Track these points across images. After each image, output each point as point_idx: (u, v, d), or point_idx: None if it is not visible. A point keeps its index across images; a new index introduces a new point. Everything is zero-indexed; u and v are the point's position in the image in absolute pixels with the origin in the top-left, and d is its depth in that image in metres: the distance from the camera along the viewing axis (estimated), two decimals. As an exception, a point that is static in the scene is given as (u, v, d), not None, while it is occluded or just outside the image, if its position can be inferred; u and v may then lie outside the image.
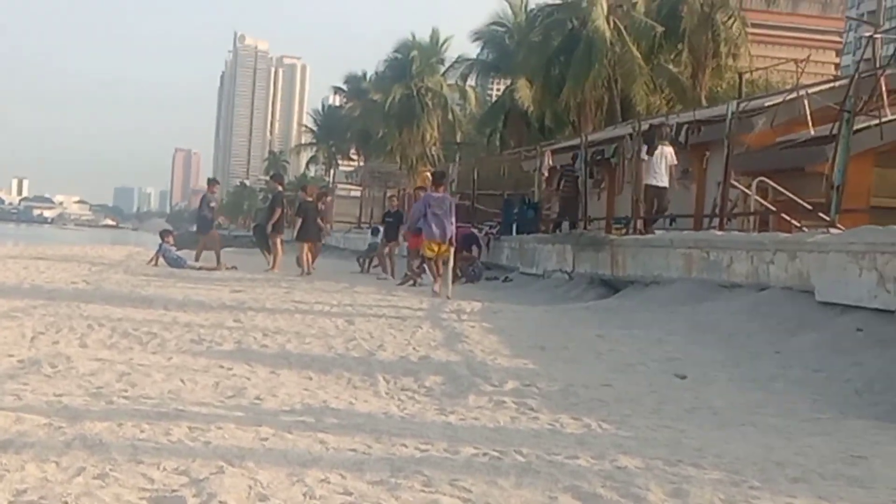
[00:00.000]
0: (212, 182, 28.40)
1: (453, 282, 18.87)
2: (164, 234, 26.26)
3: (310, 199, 25.39)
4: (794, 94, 20.57)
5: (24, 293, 14.18)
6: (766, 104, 20.86)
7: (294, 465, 5.22)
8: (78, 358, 8.59)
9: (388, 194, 35.54)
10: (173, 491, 4.68)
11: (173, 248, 25.08)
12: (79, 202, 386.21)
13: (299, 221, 24.66)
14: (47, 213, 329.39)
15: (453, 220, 18.82)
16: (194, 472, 5.00)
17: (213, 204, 25.95)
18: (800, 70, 26.00)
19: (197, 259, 24.48)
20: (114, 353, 9.17)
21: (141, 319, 11.61)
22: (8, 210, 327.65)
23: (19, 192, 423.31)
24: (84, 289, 15.70)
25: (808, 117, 19.01)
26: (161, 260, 24.06)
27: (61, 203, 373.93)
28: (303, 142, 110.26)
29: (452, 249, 18.73)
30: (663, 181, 19.61)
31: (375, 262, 26.60)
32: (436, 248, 18.62)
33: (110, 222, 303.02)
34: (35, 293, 14.23)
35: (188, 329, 11.01)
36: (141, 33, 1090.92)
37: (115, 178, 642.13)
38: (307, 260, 23.78)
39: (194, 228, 30.11)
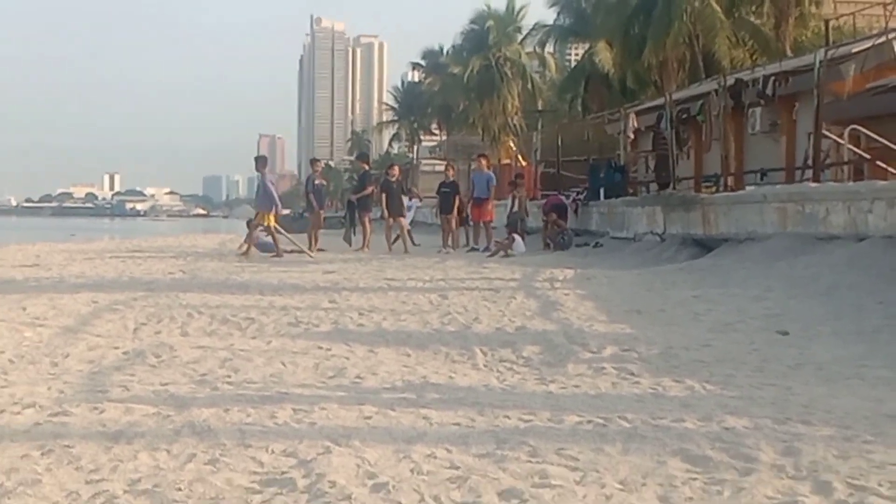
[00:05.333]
0: (314, 161, 28.40)
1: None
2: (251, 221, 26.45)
3: (392, 178, 25.26)
4: (882, 39, 20.02)
5: (124, 286, 14.45)
6: (854, 50, 20.32)
7: (399, 442, 5.25)
8: (180, 346, 8.74)
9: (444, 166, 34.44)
10: (283, 473, 4.75)
11: (263, 234, 25.26)
12: (169, 193, 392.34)
13: (384, 198, 24.74)
14: (140, 206, 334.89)
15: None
16: (302, 453, 5.06)
17: (317, 182, 25.91)
18: (888, 13, 25.26)
19: (312, 242, 24.39)
20: (214, 340, 9.32)
21: (238, 305, 11.76)
22: (102, 205, 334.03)
23: (111, 187, 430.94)
24: (181, 278, 15.94)
25: (899, 61, 18.53)
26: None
27: (153, 195, 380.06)
28: (384, 119, 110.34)
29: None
30: None
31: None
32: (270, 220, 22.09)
33: (201, 211, 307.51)
34: (134, 285, 14.49)
35: (285, 312, 11.12)
36: (220, 24, 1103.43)
37: (203, 167, 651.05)
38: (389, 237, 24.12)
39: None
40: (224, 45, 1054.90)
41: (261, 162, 23.19)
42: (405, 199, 28.00)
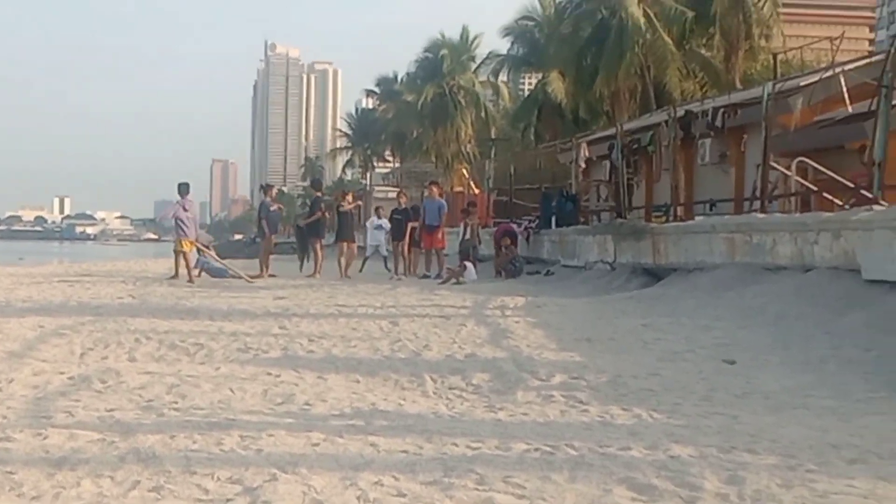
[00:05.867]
0: (267, 188, 28.20)
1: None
2: (199, 248, 26.19)
3: (347, 204, 25.22)
4: (829, 72, 20.35)
5: (72, 310, 14.30)
6: (802, 84, 20.66)
7: (346, 469, 5.23)
8: (127, 372, 8.65)
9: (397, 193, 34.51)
10: (228, 500, 4.71)
11: (213, 260, 25.05)
12: (120, 217, 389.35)
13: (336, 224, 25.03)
14: (90, 230, 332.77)
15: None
16: (248, 480, 5.02)
17: (273, 208, 25.90)
18: (834, 47, 25.68)
19: (264, 266, 24.48)
20: (162, 366, 9.22)
21: (187, 331, 11.67)
22: (51, 228, 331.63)
23: (61, 210, 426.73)
24: (130, 303, 15.81)
25: (845, 94, 18.83)
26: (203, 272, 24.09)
27: (103, 219, 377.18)
28: (338, 146, 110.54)
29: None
30: None
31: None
32: (189, 245, 22.99)
33: (152, 236, 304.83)
34: (82, 310, 14.35)
35: (234, 338, 11.04)
36: (173, 48, 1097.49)
37: (154, 191, 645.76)
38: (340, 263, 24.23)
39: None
40: (179, 71, 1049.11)
41: (182, 189, 23.21)
42: (375, 219, 28.12)
